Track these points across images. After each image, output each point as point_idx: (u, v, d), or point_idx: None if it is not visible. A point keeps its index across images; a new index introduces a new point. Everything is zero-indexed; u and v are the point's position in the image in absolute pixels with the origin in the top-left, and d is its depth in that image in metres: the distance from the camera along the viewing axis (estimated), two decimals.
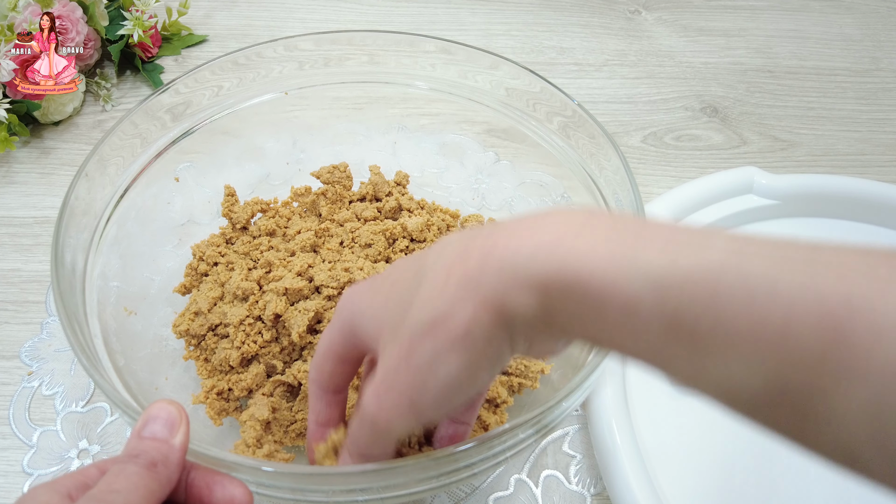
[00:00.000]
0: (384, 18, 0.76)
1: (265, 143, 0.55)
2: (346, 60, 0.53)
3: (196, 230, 0.51)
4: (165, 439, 0.27)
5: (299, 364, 0.41)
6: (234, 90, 0.51)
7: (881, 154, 0.67)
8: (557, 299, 0.23)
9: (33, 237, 0.56)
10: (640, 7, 0.79)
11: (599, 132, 0.45)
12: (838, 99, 0.71)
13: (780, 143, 0.67)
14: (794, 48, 0.76)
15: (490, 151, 0.56)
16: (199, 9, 0.74)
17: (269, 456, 0.38)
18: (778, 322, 0.19)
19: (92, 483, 0.26)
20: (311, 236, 0.45)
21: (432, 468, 0.34)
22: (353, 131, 0.57)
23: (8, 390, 0.48)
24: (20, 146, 0.62)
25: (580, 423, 0.47)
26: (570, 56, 0.73)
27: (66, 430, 0.46)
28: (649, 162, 0.65)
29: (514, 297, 0.23)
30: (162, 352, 0.46)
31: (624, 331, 0.22)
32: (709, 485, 0.45)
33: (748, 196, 0.57)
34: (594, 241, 0.22)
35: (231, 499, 0.28)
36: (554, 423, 0.37)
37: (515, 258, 0.23)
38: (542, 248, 0.23)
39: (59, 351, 0.50)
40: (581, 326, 0.23)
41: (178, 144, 0.49)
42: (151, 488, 0.25)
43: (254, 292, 0.42)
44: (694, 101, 0.70)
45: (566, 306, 0.23)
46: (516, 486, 0.44)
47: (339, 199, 0.50)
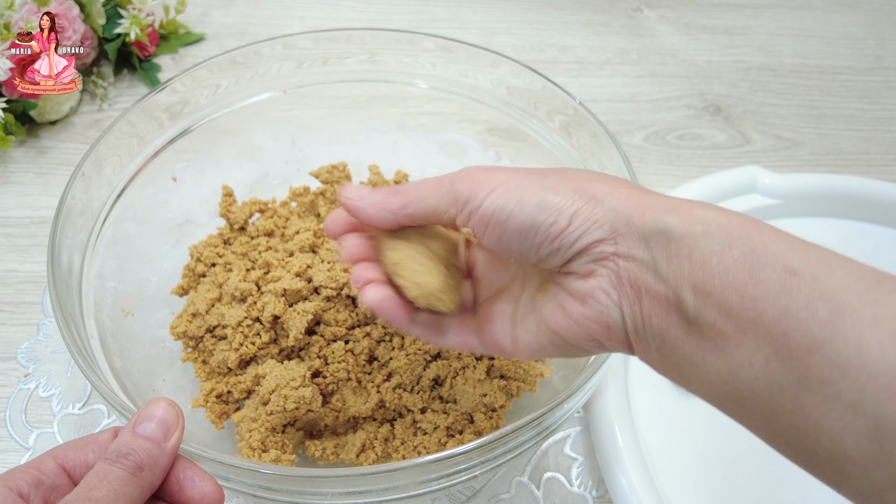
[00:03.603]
0: (384, 16, 0.75)
1: (263, 142, 0.55)
2: (345, 59, 0.52)
3: (194, 230, 0.51)
4: (158, 441, 0.27)
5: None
6: (232, 89, 0.51)
7: (885, 153, 0.66)
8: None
9: (30, 237, 0.55)
10: (643, 5, 0.79)
11: (601, 131, 0.45)
12: (842, 98, 0.71)
13: (783, 142, 0.67)
14: (798, 46, 0.76)
15: (491, 150, 0.56)
16: (196, 7, 0.74)
17: (276, 461, 0.38)
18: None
19: (47, 478, 0.25)
20: (310, 237, 0.45)
21: (433, 470, 0.33)
22: (353, 130, 0.56)
23: (4, 392, 0.47)
24: (16, 145, 0.61)
25: (582, 425, 0.47)
26: (572, 54, 0.73)
27: (62, 432, 0.46)
28: (651, 161, 0.64)
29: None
30: (159, 353, 0.46)
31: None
32: (711, 486, 0.44)
33: (751, 195, 0.57)
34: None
35: (202, 495, 0.27)
36: (555, 425, 0.36)
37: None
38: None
39: (55, 352, 0.49)
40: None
41: (176, 144, 0.49)
42: (133, 497, 0.25)
43: (252, 293, 0.42)
44: (696, 100, 0.70)
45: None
46: (518, 489, 0.44)
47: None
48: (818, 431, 0.21)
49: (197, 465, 0.28)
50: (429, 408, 0.41)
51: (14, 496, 0.24)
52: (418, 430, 0.41)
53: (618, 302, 0.27)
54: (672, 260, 0.25)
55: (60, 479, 0.26)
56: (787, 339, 0.22)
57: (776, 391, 0.22)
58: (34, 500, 0.24)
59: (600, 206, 0.27)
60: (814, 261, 0.22)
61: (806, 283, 0.22)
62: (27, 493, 0.24)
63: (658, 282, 0.25)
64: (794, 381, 0.22)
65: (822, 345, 0.21)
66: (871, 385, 0.20)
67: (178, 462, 0.28)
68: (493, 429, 0.40)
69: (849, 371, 0.20)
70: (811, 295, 0.22)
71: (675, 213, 0.25)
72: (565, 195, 0.27)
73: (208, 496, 0.27)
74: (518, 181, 0.28)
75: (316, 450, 0.41)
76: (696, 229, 0.24)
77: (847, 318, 0.21)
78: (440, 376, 0.41)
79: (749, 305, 0.23)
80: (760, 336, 0.22)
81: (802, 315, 0.21)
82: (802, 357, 0.21)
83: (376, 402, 0.41)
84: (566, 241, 0.27)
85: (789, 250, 0.23)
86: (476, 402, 0.40)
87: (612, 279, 0.27)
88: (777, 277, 0.22)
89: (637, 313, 0.26)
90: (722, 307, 0.23)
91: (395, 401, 0.41)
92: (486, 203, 0.28)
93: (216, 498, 0.28)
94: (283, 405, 0.38)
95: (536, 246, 0.28)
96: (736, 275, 0.23)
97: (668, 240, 0.25)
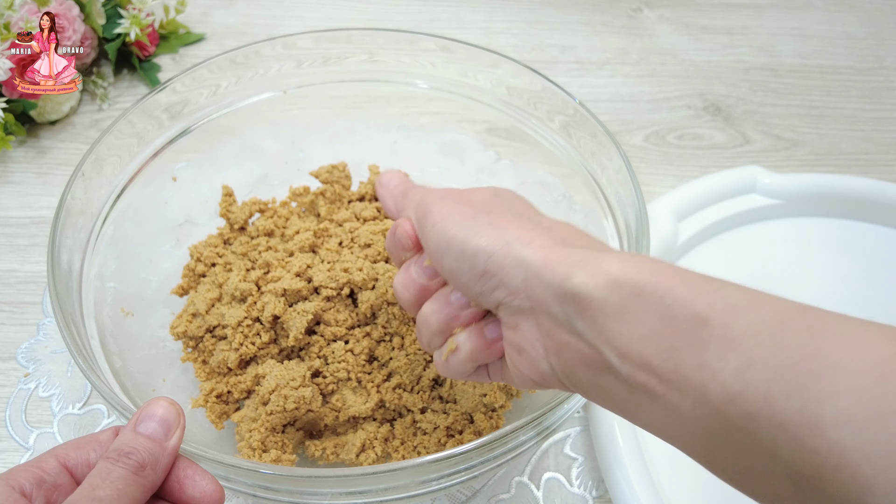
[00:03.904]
0: (384, 16, 0.75)
1: (263, 142, 0.55)
2: (345, 59, 0.52)
3: (194, 230, 0.51)
4: (160, 440, 0.27)
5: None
6: (232, 89, 0.51)
7: (885, 153, 0.66)
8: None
9: (30, 237, 0.55)
10: (642, 5, 0.79)
11: (601, 131, 0.45)
12: (842, 98, 0.71)
13: (783, 142, 0.67)
14: (798, 46, 0.76)
15: (491, 150, 0.56)
16: (196, 7, 0.74)
17: (276, 461, 0.38)
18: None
19: (49, 476, 0.25)
20: (310, 236, 0.45)
21: (432, 470, 0.33)
22: (353, 130, 0.56)
23: (4, 392, 0.47)
24: (16, 145, 0.61)
25: (582, 426, 0.47)
26: (572, 54, 0.73)
27: (62, 432, 0.46)
28: (651, 161, 0.64)
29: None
30: (159, 353, 0.46)
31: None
32: (711, 487, 0.44)
33: (751, 195, 0.57)
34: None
35: (203, 494, 0.27)
36: (555, 425, 0.36)
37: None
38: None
39: (55, 352, 0.49)
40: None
41: (176, 144, 0.49)
42: (135, 496, 0.25)
43: (252, 293, 0.42)
44: (696, 100, 0.70)
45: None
46: (517, 489, 0.44)
47: (338, 199, 0.49)
48: (750, 473, 0.22)
49: (197, 464, 0.28)
50: (429, 408, 0.41)
51: (16, 494, 0.24)
52: (418, 430, 0.41)
53: (544, 355, 0.27)
54: (587, 321, 0.25)
55: (62, 478, 0.26)
56: (706, 391, 0.22)
57: (708, 436, 0.22)
58: (36, 499, 0.24)
59: (510, 255, 0.27)
60: (721, 306, 0.22)
61: (715, 332, 0.22)
62: (29, 492, 0.24)
63: (580, 342, 0.25)
64: (721, 428, 0.22)
65: (735, 397, 0.21)
66: (782, 435, 0.20)
67: (179, 461, 0.28)
68: (493, 429, 0.40)
69: (760, 422, 0.20)
70: (721, 346, 0.22)
71: (583, 269, 0.25)
72: (485, 238, 0.28)
73: (209, 495, 0.27)
74: (452, 216, 0.29)
75: (316, 450, 0.41)
76: (603, 284, 0.24)
77: (756, 369, 0.21)
78: (440, 376, 0.41)
79: (667, 356, 0.23)
80: (682, 387, 0.22)
81: (716, 366, 0.22)
82: (721, 408, 0.21)
83: (376, 402, 0.41)
84: (486, 289, 0.28)
85: (698, 296, 0.23)
86: (476, 402, 0.40)
87: (535, 333, 0.27)
88: (689, 327, 0.22)
89: (565, 365, 0.26)
90: (642, 363, 0.23)
91: (395, 401, 0.41)
92: (427, 239, 0.30)
93: (217, 497, 0.28)
94: (283, 405, 0.38)
95: (464, 287, 0.29)
96: (650, 326, 0.23)
97: (577, 301, 0.25)
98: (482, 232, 0.28)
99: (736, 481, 0.23)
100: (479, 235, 0.28)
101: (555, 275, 0.25)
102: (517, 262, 0.27)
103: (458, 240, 0.28)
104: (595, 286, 0.24)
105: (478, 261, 0.27)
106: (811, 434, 0.19)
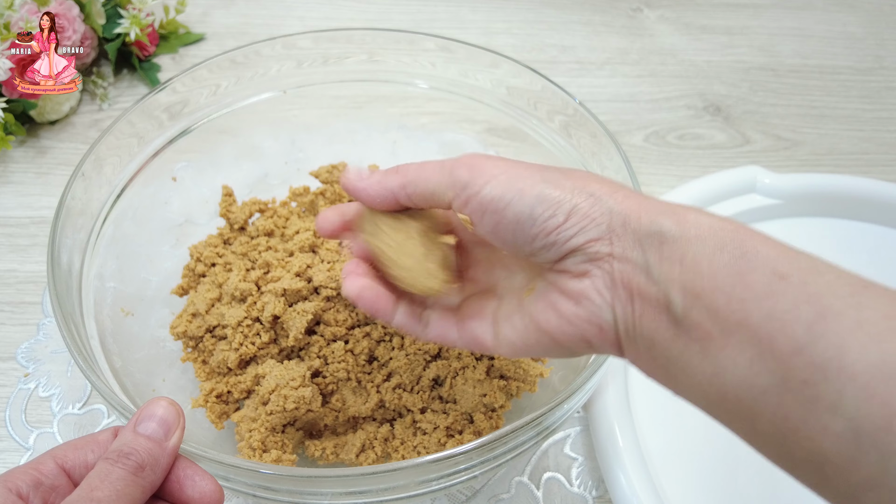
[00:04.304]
0: (383, 16, 0.75)
1: (263, 142, 0.55)
2: (345, 59, 0.52)
3: (194, 230, 0.51)
4: (160, 440, 0.27)
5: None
6: (232, 89, 0.51)
7: (885, 153, 0.66)
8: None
9: (30, 237, 0.55)
10: (643, 5, 0.79)
11: (601, 131, 0.45)
12: (842, 98, 0.71)
13: (783, 142, 0.67)
14: (798, 46, 0.76)
15: (491, 150, 0.56)
16: (196, 7, 0.74)
17: (276, 461, 0.38)
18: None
19: (46, 478, 0.25)
20: (310, 236, 0.45)
21: (432, 470, 0.33)
22: (353, 130, 0.56)
23: (4, 392, 0.47)
24: (16, 145, 0.61)
25: (582, 426, 0.47)
26: (572, 54, 0.73)
27: (62, 432, 0.46)
28: (651, 161, 0.64)
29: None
30: (159, 353, 0.46)
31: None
32: (711, 487, 0.44)
33: (751, 195, 0.57)
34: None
35: (202, 494, 0.27)
36: (555, 425, 0.36)
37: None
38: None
39: (55, 352, 0.49)
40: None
41: (176, 144, 0.49)
42: (134, 497, 0.25)
43: (252, 293, 0.42)
44: (696, 100, 0.70)
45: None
46: (517, 489, 0.44)
47: (337, 199, 0.49)
48: (799, 433, 0.22)
49: (197, 464, 0.28)
50: (428, 408, 0.41)
51: (13, 497, 0.24)
52: (418, 430, 0.41)
53: (611, 303, 0.27)
54: (664, 262, 0.25)
55: (60, 480, 0.26)
56: (772, 342, 0.22)
57: (759, 393, 0.22)
58: (33, 501, 0.24)
59: (598, 204, 0.27)
60: (803, 265, 0.23)
61: (793, 286, 0.22)
62: (26, 494, 0.24)
63: (650, 283, 0.26)
64: (777, 383, 0.22)
65: (804, 347, 0.21)
66: (850, 386, 0.20)
67: (179, 461, 0.28)
68: (493, 429, 0.40)
69: (829, 373, 0.21)
70: (797, 298, 0.22)
71: (670, 216, 0.26)
72: (565, 190, 0.28)
73: (208, 495, 0.27)
74: (519, 172, 0.29)
75: (316, 450, 0.41)
76: (689, 233, 0.25)
77: (830, 320, 0.21)
78: (440, 376, 0.41)
79: (736, 307, 0.23)
80: (745, 338, 0.23)
81: (787, 317, 0.22)
82: (785, 359, 0.22)
83: (376, 402, 0.41)
84: (562, 237, 0.27)
85: (780, 255, 0.23)
86: (476, 402, 0.40)
87: (607, 280, 0.27)
88: (765, 280, 0.23)
89: (629, 315, 0.26)
90: (709, 309, 0.24)
91: (395, 401, 0.41)
92: (486, 190, 0.29)
93: (216, 497, 0.28)
94: (282, 405, 0.38)
95: (531, 238, 0.28)
96: (725, 278, 0.23)
97: (661, 242, 0.25)
98: (560, 184, 0.28)
99: (777, 444, 0.23)
100: (557, 187, 0.28)
101: (641, 221, 0.26)
102: (604, 210, 0.27)
103: (534, 190, 0.28)
104: (681, 233, 0.25)
105: (561, 208, 0.27)
106: (885, 385, 0.19)
